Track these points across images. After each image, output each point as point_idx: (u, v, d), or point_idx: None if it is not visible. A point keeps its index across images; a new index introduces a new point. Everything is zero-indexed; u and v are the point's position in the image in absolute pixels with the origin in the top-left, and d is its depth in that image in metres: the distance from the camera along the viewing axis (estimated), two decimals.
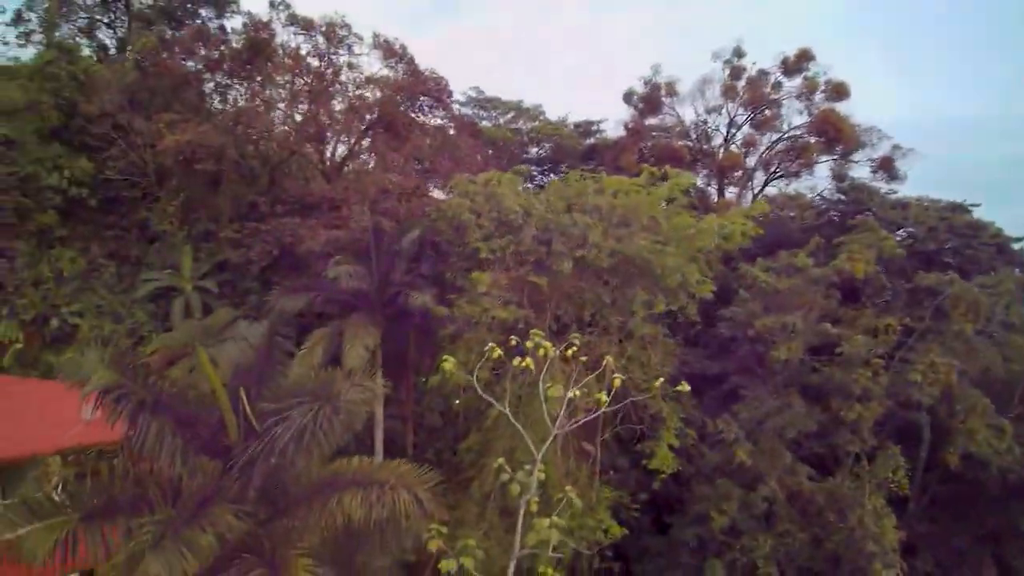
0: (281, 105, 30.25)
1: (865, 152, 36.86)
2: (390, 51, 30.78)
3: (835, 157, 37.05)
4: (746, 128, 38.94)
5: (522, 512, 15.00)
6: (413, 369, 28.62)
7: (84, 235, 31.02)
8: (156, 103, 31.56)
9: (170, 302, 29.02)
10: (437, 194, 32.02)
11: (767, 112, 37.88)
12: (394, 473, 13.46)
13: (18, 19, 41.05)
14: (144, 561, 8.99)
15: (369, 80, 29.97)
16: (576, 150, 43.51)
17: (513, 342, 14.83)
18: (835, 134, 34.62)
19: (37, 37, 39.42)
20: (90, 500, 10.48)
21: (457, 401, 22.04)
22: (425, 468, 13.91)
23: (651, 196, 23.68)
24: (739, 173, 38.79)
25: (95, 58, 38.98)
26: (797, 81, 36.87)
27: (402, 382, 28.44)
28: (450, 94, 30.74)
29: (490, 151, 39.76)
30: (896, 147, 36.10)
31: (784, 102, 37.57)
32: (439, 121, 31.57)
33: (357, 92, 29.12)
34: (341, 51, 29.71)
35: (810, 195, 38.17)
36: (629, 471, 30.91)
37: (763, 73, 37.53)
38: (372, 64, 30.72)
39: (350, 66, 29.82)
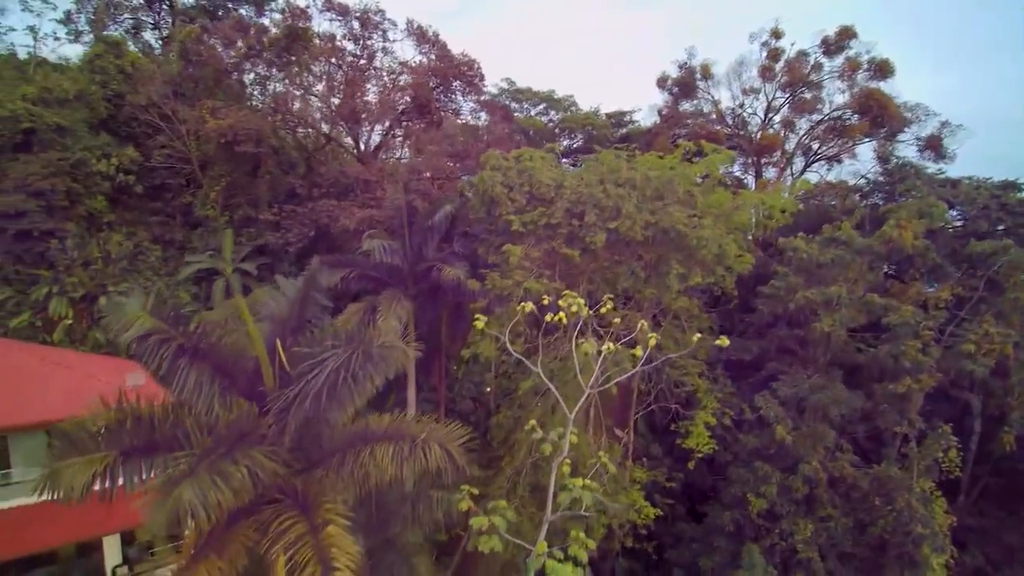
0: (319, 87, 30.78)
1: (911, 131, 35.22)
2: (423, 37, 31.11)
3: (879, 138, 35.47)
4: (785, 111, 37.69)
5: (554, 475, 14.87)
6: (445, 354, 28.75)
7: (131, 220, 32.18)
8: (199, 93, 32.61)
9: (212, 284, 29.92)
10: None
11: (807, 94, 36.65)
12: (425, 428, 13.33)
13: (67, 19, 43.25)
14: (178, 488, 9.13)
15: (403, 65, 30.28)
16: (609, 140, 42.91)
17: (546, 301, 14.69)
18: (879, 111, 33.24)
19: (86, 38, 41.37)
20: (129, 438, 10.67)
21: (490, 374, 21.94)
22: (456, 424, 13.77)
23: (687, 171, 23.21)
24: (777, 154, 37.63)
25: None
26: (838, 61, 35.56)
27: (434, 366, 28.58)
28: (482, 77, 30.92)
29: (521, 139, 39.69)
30: (944, 124, 34.32)
31: (825, 83, 36.32)
32: (471, 106, 31.71)
33: (391, 76, 29.43)
34: (375, 37, 30.15)
35: (853, 180, 36.94)
36: (662, 459, 30.38)
37: (802, 54, 36.36)
38: (406, 51, 31.09)
39: (384, 51, 30.21)
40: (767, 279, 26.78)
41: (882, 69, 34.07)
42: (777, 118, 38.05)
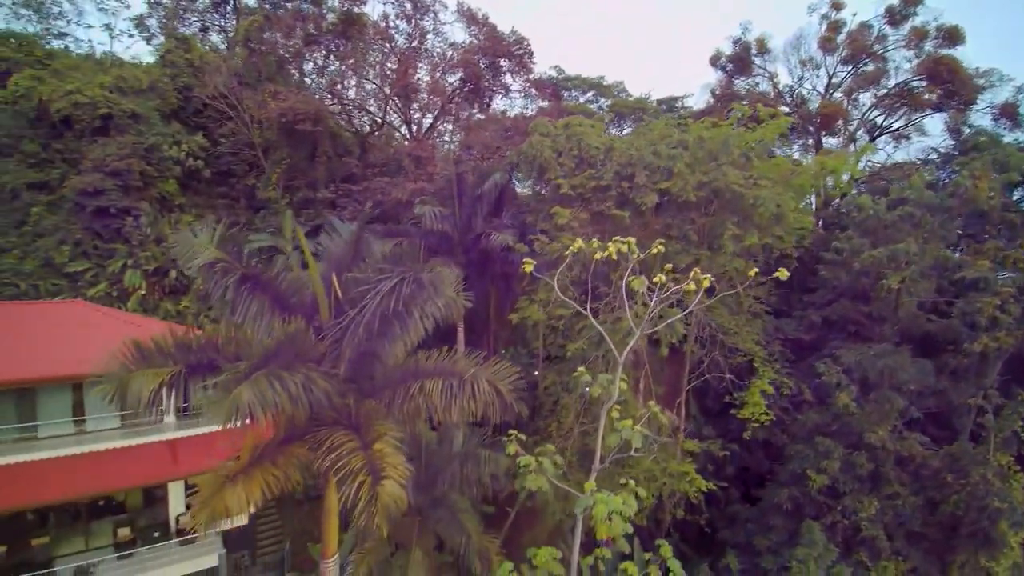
0: (373, 71, 31.68)
1: (984, 99, 32.93)
2: (472, 19, 31.61)
3: (951, 109, 33.35)
4: (847, 85, 36.03)
5: (603, 420, 14.69)
6: (493, 330, 28.95)
7: (199, 203, 33.98)
8: (262, 81, 34.22)
9: (272, 261, 31.20)
10: None
11: (870, 66, 34.96)
12: (474, 366, 13.42)
13: (140, 23, 46.39)
14: (239, 388, 9.54)
15: (452, 47, 30.86)
16: None
17: (594, 245, 14.59)
18: (949, 77, 31.30)
19: (156, 41, 44.21)
20: (195, 355, 11.21)
21: (538, 341, 21.89)
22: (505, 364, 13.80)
23: (743, 136, 22.57)
24: (840, 126, 36.01)
25: None
26: (904, 30, 33.79)
27: (483, 339, 28.82)
28: (531, 55, 31.08)
29: None
30: (1020, 89, 32.04)
31: (890, 54, 34.55)
32: (520, 85, 31.93)
33: (442, 57, 30.03)
34: (427, 19, 30.85)
35: (921, 158, 34.92)
36: (715, 439, 29.51)
37: (864, 25, 34.79)
38: (456, 34, 31.67)
39: (435, 32, 30.85)
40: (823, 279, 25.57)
41: (951, 36, 32.19)
42: (838, 94, 36.47)
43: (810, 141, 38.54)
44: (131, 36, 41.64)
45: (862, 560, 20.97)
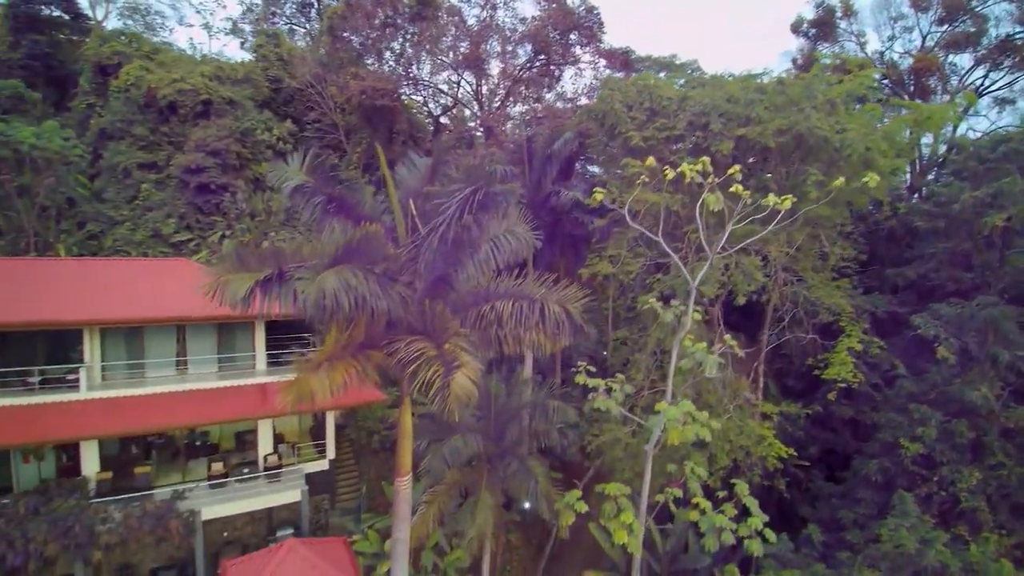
0: (448, 51, 32.69)
1: None
2: None
3: None
4: (941, 46, 33.45)
5: (676, 350, 14.46)
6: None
7: None
8: (344, 66, 36.21)
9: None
10: None
11: (967, 25, 32.33)
12: (544, 288, 13.57)
13: (234, 28, 50.38)
14: (323, 275, 10.19)
15: (523, 21, 31.34)
16: None
17: (669, 174, 14.47)
18: None
19: (248, 44, 47.83)
20: (285, 260, 12.03)
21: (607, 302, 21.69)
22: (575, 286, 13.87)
23: (829, 82, 21.52)
24: (935, 84, 33.44)
25: None
26: None
27: None
28: (601, 24, 30.99)
29: None
30: None
31: (988, 10, 31.77)
32: (590, 57, 31.93)
33: (512, 30, 30.58)
34: None
35: None
36: (795, 420, 28.07)
37: None
38: (526, 8, 32.12)
39: (505, 5, 31.47)
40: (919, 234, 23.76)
41: None
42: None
43: (903, 113, 36.05)
44: (227, 34, 44.88)
45: (960, 534, 19.28)
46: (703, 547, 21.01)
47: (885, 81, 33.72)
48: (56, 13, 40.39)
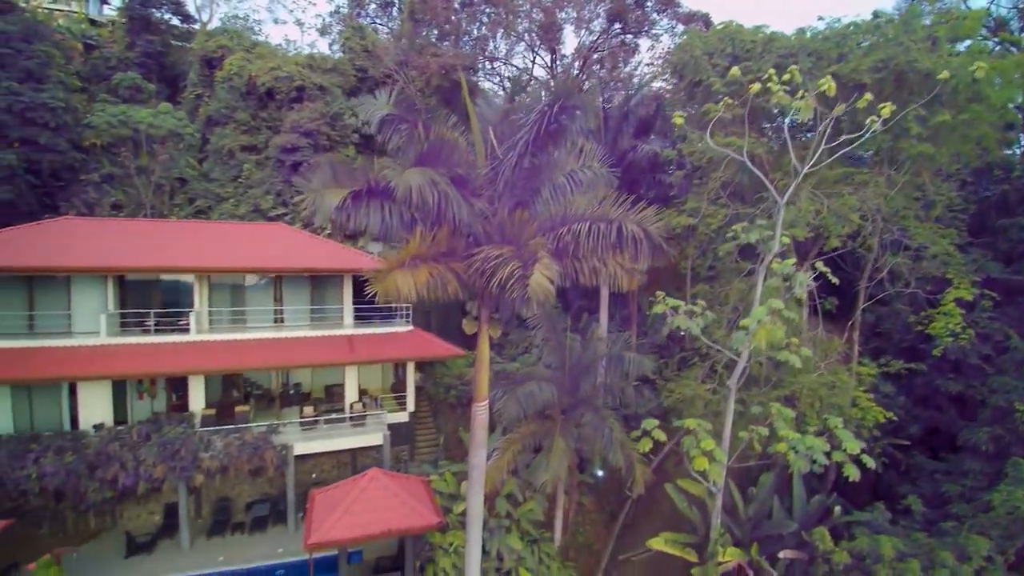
0: (523, 30, 33.22)
1: None
2: None
3: None
4: None
5: (761, 274, 13.95)
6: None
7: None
8: (425, 49, 37.65)
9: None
10: None
11: None
12: (622, 209, 13.51)
13: (324, 30, 53.36)
14: (408, 171, 10.78)
15: None
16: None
17: (755, 87, 14.03)
18: None
19: (335, 46, 50.66)
20: (375, 178, 12.73)
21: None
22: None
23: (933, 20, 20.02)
24: None
25: None
26: None
27: (628, 295, 28.52)
28: None
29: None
30: None
31: None
32: (667, 22, 31.35)
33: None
34: None
35: None
36: (895, 397, 26.08)
37: None
38: None
39: None
40: None
41: None
42: None
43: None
44: (317, 31, 47.68)
45: None
46: (790, 509, 19.96)
47: (995, 39, 30.87)
48: (167, 16, 44.49)
